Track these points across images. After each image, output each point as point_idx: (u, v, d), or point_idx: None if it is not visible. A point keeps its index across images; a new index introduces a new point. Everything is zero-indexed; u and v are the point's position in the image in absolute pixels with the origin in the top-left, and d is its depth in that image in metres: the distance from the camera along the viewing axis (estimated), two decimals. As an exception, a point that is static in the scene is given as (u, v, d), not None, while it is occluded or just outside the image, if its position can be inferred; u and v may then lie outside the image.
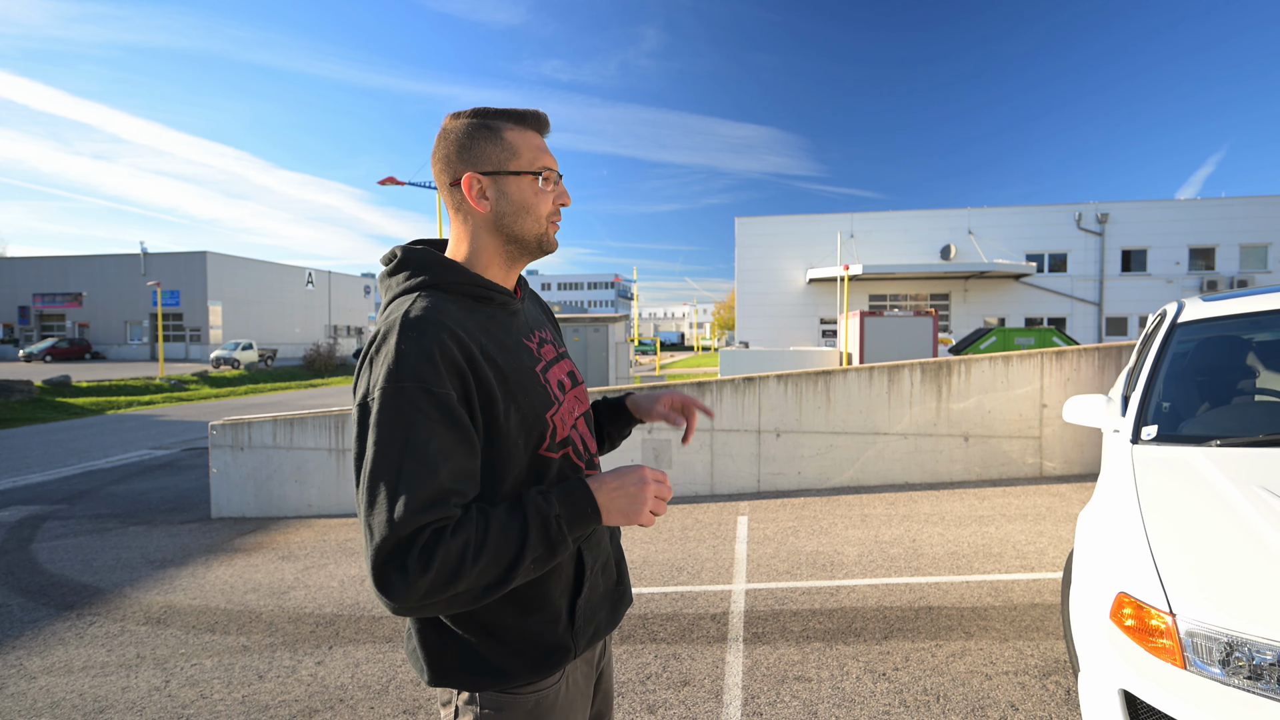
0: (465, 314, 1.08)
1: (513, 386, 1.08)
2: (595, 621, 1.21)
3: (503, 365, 1.08)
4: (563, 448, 1.16)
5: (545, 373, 1.18)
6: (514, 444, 1.07)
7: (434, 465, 0.95)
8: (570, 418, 1.20)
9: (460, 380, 1.00)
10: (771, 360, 21.36)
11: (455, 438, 0.98)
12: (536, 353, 1.19)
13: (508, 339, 1.13)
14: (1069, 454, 6.76)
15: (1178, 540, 2.06)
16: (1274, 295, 3.32)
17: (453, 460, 0.97)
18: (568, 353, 1.32)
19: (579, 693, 1.22)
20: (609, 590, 1.26)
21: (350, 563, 5.19)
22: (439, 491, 0.94)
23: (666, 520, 5.93)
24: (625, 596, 1.31)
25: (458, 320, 1.05)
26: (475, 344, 1.04)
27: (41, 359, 36.43)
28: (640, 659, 3.36)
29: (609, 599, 1.26)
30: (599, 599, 1.23)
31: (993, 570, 4.29)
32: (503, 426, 1.05)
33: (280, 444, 7.00)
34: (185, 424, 15.27)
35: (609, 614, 1.26)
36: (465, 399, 1.01)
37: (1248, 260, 29.35)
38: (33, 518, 7.17)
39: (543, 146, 1.16)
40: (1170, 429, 2.88)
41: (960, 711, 2.75)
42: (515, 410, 1.07)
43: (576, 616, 1.15)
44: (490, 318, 1.13)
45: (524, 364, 1.13)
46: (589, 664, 1.26)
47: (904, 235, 31.08)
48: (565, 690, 1.17)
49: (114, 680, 3.42)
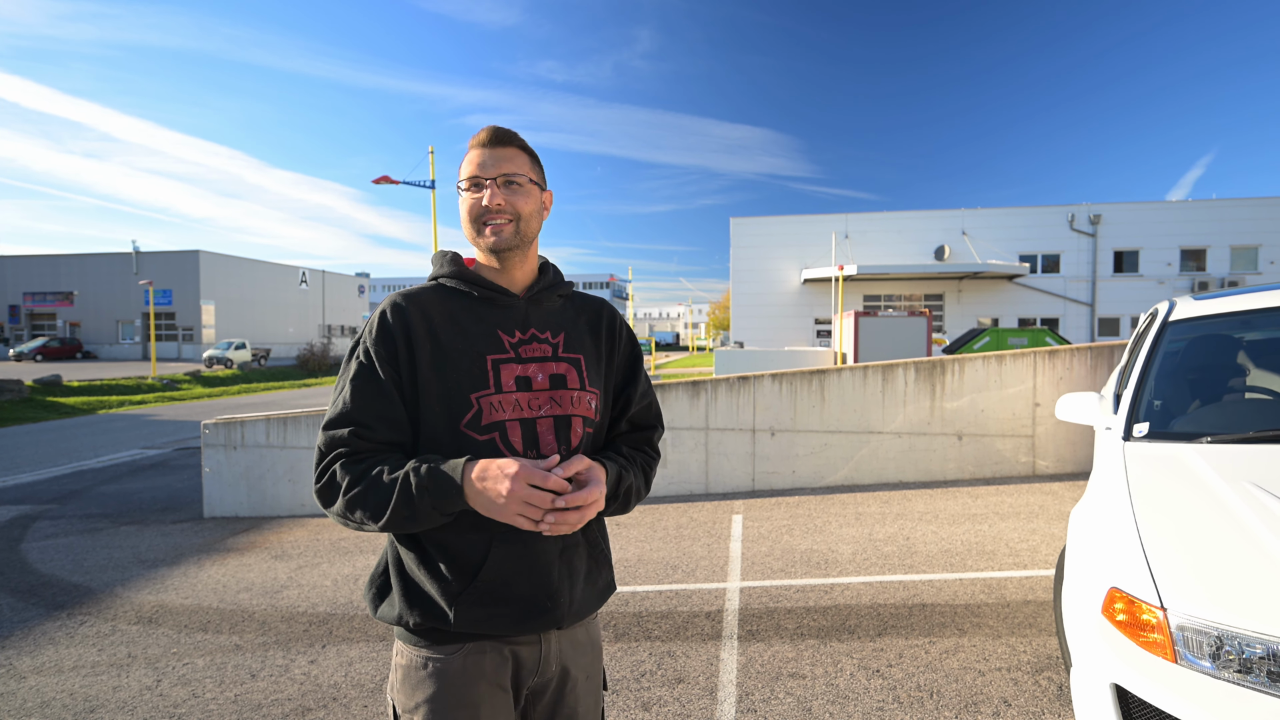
0: (441, 300, 1.29)
1: (440, 359, 1.23)
2: (490, 610, 1.20)
3: (444, 342, 1.25)
4: (488, 431, 1.23)
5: (502, 363, 1.27)
6: (431, 408, 1.23)
7: (349, 398, 1.22)
8: (514, 410, 1.25)
9: (391, 344, 1.23)
10: (766, 360, 21.39)
11: (372, 385, 1.22)
12: (509, 346, 1.29)
13: (473, 325, 1.28)
14: (1061, 452, 6.79)
15: (1169, 536, 2.08)
16: (1264, 295, 3.34)
17: (364, 398, 1.22)
18: (573, 359, 1.33)
19: (483, 677, 1.22)
20: (529, 596, 1.23)
21: (344, 562, 5.18)
22: (347, 419, 1.21)
23: (661, 519, 5.94)
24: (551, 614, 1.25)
25: (426, 302, 1.27)
26: (424, 321, 1.25)
27: (32, 358, 36.17)
28: (635, 656, 3.36)
29: (524, 603, 1.23)
30: (510, 595, 1.22)
31: (986, 568, 4.31)
32: (423, 389, 1.23)
33: (273, 443, 6.98)
34: (177, 423, 15.20)
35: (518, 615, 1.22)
36: (392, 359, 1.23)
37: (1238, 261, 29.55)
38: (23, 517, 7.12)
39: (474, 158, 1.30)
40: (1162, 426, 2.89)
41: (953, 707, 2.76)
42: (439, 380, 1.23)
43: (466, 593, 1.20)
44: (466, 307, 1.30)
45: (472, 347, 1.26)
46: (502, 658, 1.24)
47: (898, 236, 31.18)
48: (462, 666, 1.22)
49: (105, 680, 3.40)
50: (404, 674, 1.25)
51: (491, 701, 1.23)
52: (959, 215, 30.96)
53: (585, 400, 1.31)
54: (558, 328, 1.35)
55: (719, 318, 77.00)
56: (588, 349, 1.37)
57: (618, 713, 2.87)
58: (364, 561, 5.16)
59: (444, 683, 1.22)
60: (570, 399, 1.29)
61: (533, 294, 1.34)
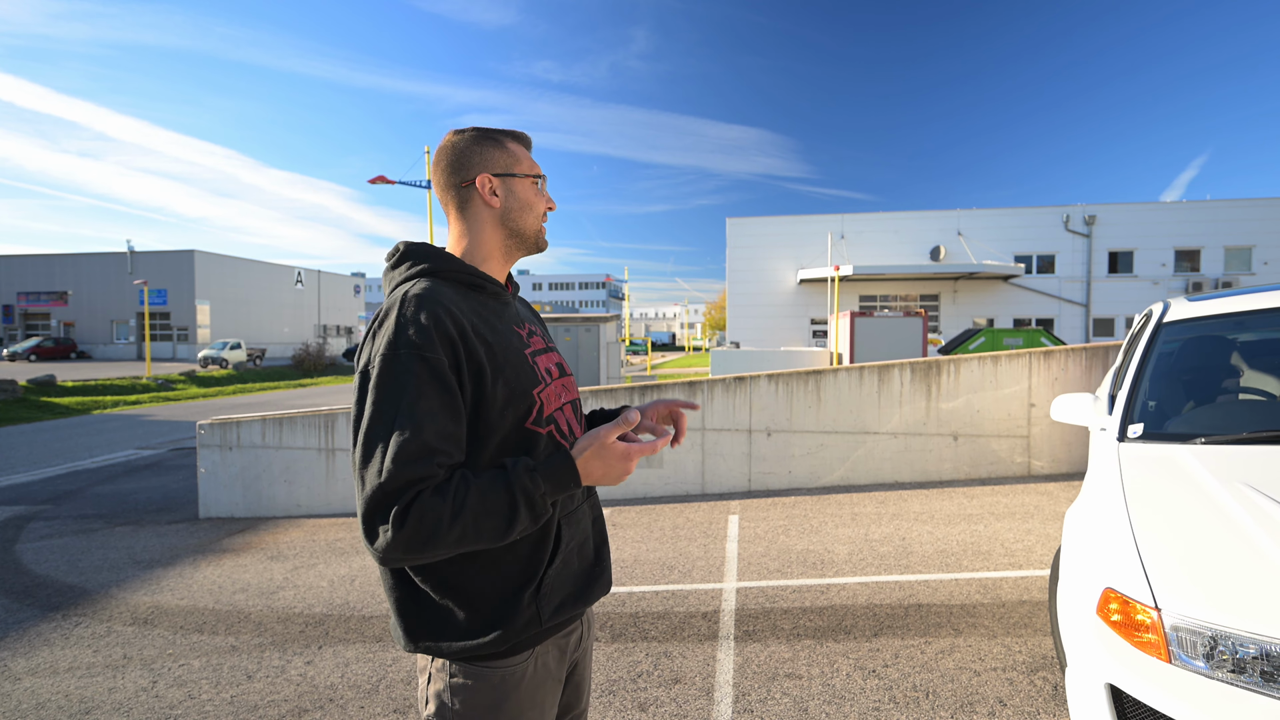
0: (460, 297, 1.20)
1: (501, 361, 1.17)
2: (564, 593, 1.24)
3: (492, 343, 1.18)
4: (548, 424, 1.24)
5: (534, 357, 1.28)
6: (500, 415, 1.15)
7: (421, 423, 1.04)
8: (556, 400, 1.29)
9: (452, 349, 1.10)
10: (762, 360, 21.40)
11: (443, 400, 1.08)
12: (526, 339, 1.30)
13: (499, 323, 1.25)
14: (1056, 453, 6.82)
15: (1163, 536, 2.09)
16: (1258, 296, 3.36)
17: (439, 420, 1.06)
18: (556, 348, 1.42)
19: (549, 676, 1.25)
20: (585, 569, 1.30)
21: (340, 562, 5.17)
22: (424, 448, 1.03)
23: (658, 519, 5.94)
24: (603, 578, 1.34)
25: (452, 300, 1.16)
26: (468, 321, 1.15)
27: (26, 358, 35.97)
28: (632, 657, 3.36)
29: (583, 576, 1.29)
30: (571, 574, 1.26)
31: (981, 568, 4.32)
32: (489, 397, 1.14)
33: (269, 444, 6.96)
34: (172, 424, 15.14)
35: (581, 590, 1.28)
36: (455, 367, 1.11)
37: (1232, 262, 29.69)
38: (17, 518, 7.09)
39: (525, 155, 1.34)
40: (1156, 427, 2.91)
41: (949, 707, 2.77)
42: (503, 383, 1.16)
43: (544, 584, 1.19)
44: (482, 305, 1.24)
45: (513, 345, 1.24)
46: (561, 650, 1.28)
47: (894, 236, 31.24)
48: (534, 670, 1.21)
49: (100, 681, 3.39)
50: (465, 695, 1.15)
51: (553, 695, 1.27)
52: (954, 216, 31.03)
53: (574, 383, 1.42)
54: (530, 319, 1.41)
55: (715, 318, 77.04)
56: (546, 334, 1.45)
57: (615, 713, 2.87)
58: (360, 562, 5.15)
59: (515, 693, 1.18)
60: (573, 384, 1.39)
61: (513, 289, 1.40)
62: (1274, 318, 3.32)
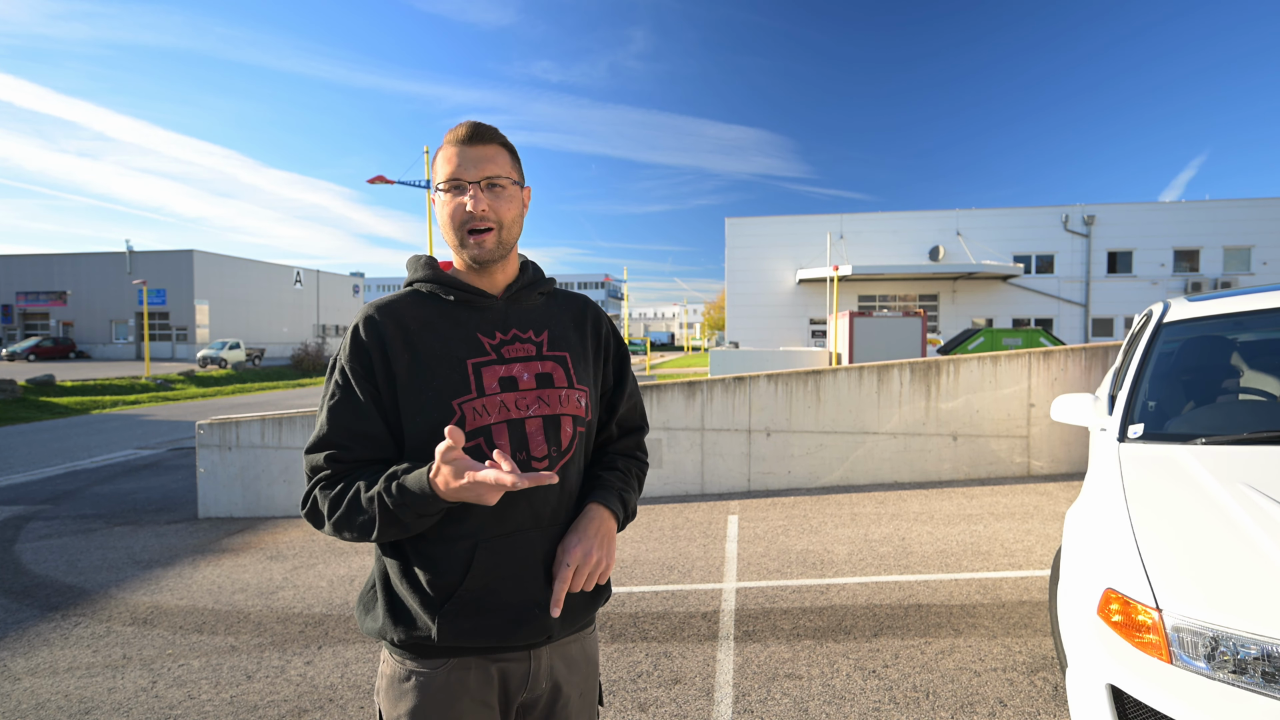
0: (416, 306, 1.26)
1: (422, 369, 1.21)
2: (474, 621, 1.17)
3: (421, 350, 1.22)
4: (473, 437, 1.18)
5: (483, 366, 1.23)
6: (412, 420, 1.20)
7: (326, 421, 1.22)
8: (498, 412, 1.20)
9: (366, 358, 1.21)
10: (761, 360, 21.41)
11: (347, 404, 1.21)
12: (486, 348, 1.25)
13: (450, 330, 1.24)
14: (1056, 453, 6.82)
15: (1164, 537, 2.09)
16: (1257, 296, 3.36)
17: (340, 419, 1.21)
18: (561, 356, 1.31)
19: (466, 694, 1.20)
20: (519, 603, 1.19)
21: (339, 562, 5.16)
22: (322, 441, 1.21)
23: (657, 519, 5.94)
24: (543, 621, 1.20)
25: (397, 312, 1.24)
26: (400, 330, 1.22)
27: (25, 358, 35.96)
28: (631, 657, 3.36)
29: (509, 611, 1.19)
30: (496, 604, 1.19)
31: (981, 568, 4.32)
32: (404, 400, 1.20)
33: (269, 444, 6.95)
34: (171, 424, 15.13)
35: (503, 626, 1.18)
36: (368, 375, 1.21)
37: (1231, 262, 29.72)
38: (16, 518, 7.08)
39: (451, 156, 1.22)
40: (1156, 427, 2.91)
41: (949, 708, 2.77)
42: (419, 389, 1.20)
43: (448, 604, 1.18)
44: (443, 312, 1.26)
45: (451, 353, 1.22)
46: (486, 676, 1.21)
47: (893, 236, 31.26)
48: (447, 681, 1.20)
49: (100, 681, 3.39)
50: (388, 683, 1.25)
51: (476, 715, 1.21)
52: (953, 216, 31.05)
53: (574, 399, 1.28)
54: (540, 326, 1.31)
55: (714, 318, 77.03)
56: (574, 346, 1.33)
57: (614, 714, 2.87)
58: (360, 562, 5.15)
59: (426, 697, 1.20)
60: (559, 398, 1.26)
61: (512, 293, 1.30)
62: (1274, 318, 3.32)
